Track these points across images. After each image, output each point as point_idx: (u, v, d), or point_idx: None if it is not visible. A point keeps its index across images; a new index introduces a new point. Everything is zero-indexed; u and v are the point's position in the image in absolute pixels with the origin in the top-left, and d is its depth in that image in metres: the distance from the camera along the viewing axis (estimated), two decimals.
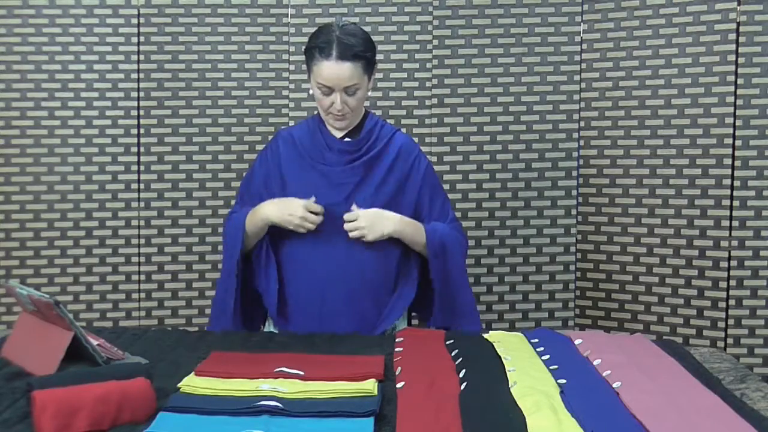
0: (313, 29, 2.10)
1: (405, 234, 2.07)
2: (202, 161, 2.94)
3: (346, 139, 2.11)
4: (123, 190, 2.92)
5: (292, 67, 2.94)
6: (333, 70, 1.98)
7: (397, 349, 1.75)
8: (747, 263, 2.68)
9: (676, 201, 2.77)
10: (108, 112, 2.91)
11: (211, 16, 2.92)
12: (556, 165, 2.93)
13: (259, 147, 2.94)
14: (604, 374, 1.53)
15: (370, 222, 2.02)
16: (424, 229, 2.09)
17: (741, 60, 2.66)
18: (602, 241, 2.91)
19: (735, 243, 2.69)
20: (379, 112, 2.88)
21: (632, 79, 2.83)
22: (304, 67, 2.80)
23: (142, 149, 2.92)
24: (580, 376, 1.53)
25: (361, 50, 2.00)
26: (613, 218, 2.89)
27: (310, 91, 2.10)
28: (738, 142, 2.68)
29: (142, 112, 2.92)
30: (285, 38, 2.93)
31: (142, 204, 2.93)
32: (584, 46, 2.91)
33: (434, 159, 2.92)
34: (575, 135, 2.93)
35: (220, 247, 2.95)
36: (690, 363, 1.67)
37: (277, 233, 2.09)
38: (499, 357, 1.67)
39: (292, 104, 2.94)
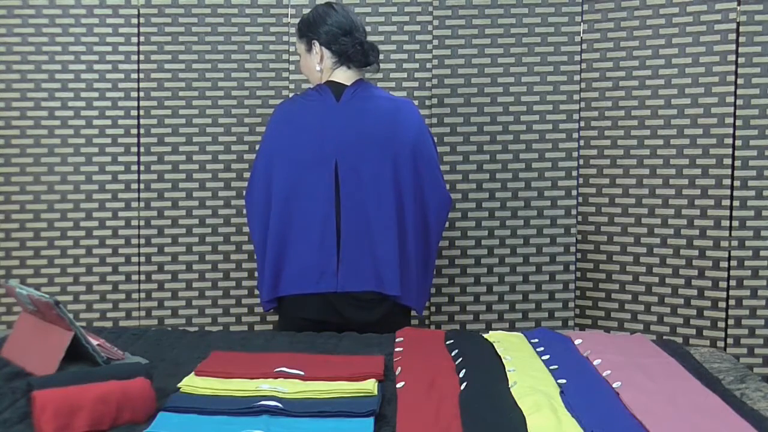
0: None
1: None
2: (202, 161, 2.94)
3: None
4: (123, 190, 2.92)
5: (292, 67, 2.93)
6: None
7: (397, 349, 1.75)
8: (747, 263, 2.68)
9: (676, 201, 2.77)
10: (108, 112, 2.91)
11: (211, 16, 2.92)
12: (556, 165, 2.93)
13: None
14: (604, 374, 1.53)
15: None
16: None
17: (741, 60, 2.66)
18: (602, 241, 2.91)
19: (735, 243, 2.69)
20: None
21: (632, 79, 2.83)
22: None
23: (142, 149, 2.92)
24: (580, 376, 1.53)
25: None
26: (613, 218, 2.89)
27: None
28: (738, 142, 2.68)
29: (142, 112, 2.92)
30: (285, 38, 2.93)
31: (142, 204, 2.93)
32: (584, 46, 2.91)
33: None
34: (575, 135, 2.93)
35: (219, 247, 2.95)
36: (690, 363, 1.68)
37: None
38: (499, 357, 1.67)
39: None
